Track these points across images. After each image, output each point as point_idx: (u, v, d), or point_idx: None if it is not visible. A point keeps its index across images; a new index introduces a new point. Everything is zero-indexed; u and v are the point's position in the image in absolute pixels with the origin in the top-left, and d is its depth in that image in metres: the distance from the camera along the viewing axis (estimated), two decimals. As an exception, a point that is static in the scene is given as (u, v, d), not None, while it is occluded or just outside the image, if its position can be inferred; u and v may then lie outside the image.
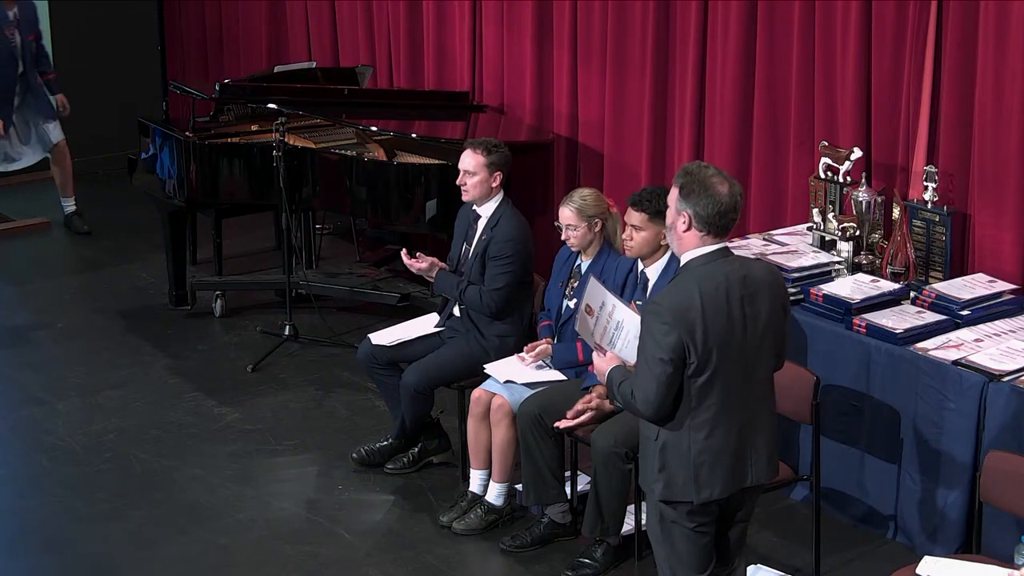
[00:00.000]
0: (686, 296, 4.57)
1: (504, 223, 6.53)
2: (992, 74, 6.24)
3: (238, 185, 8.20)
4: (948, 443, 5.81)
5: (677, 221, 4.66)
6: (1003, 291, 6.19)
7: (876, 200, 6.55)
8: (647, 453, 4.76)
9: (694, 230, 4.63)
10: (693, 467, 4.66)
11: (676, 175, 4.70)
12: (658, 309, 4.58)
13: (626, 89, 7.88)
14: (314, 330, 8.16)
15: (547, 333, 6.34)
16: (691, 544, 4.76)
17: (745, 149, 7.35)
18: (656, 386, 4.57)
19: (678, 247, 4.70)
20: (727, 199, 4.60)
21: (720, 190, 4.60)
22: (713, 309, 4.57)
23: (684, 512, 4.72)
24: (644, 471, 4.81)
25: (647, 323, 4.60)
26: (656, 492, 4.72)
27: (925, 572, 4.86)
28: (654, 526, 4.84)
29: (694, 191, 4.61)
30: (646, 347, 4.59)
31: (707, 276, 4.61)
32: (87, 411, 7.41)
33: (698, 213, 4.60)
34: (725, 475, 4.70)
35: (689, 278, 4.62)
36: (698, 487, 4.68)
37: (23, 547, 6.27)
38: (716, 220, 4.60)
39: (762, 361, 4.74)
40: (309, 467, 6.84)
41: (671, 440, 4.67)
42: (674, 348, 4.54)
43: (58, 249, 9.97)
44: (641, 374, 4.62)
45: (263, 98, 8.41)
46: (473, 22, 8.75)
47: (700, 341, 4.55)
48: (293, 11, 10.27)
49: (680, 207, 4.64)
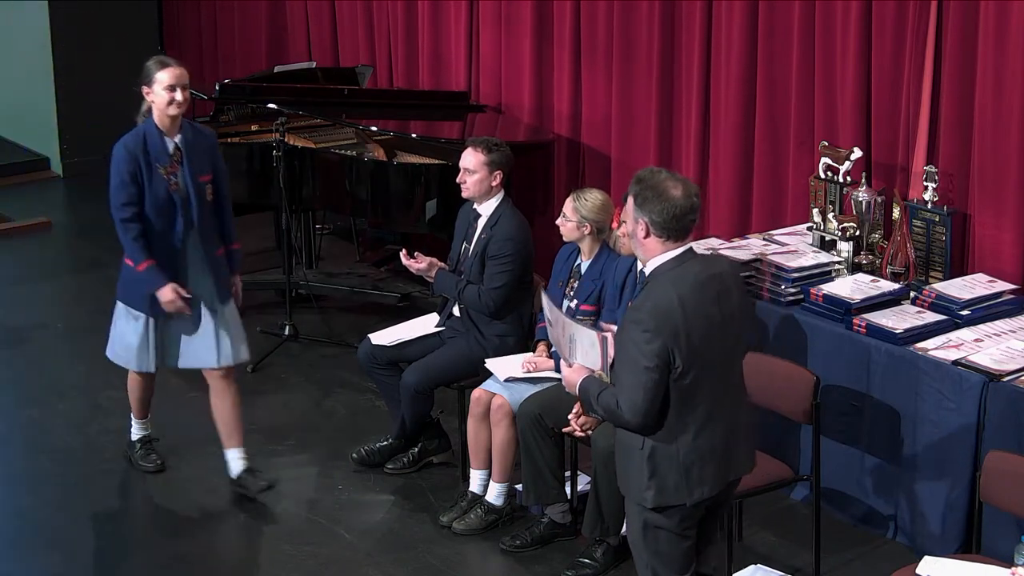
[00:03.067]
0: (665, 301, 4.58)
1: (504, 222, 6.53)
2: (992, 74, 6.24)
3: (238, 185, 8.18)
4: (948, 443, 5.81)
5: (637, 229, 4.68)
6: (1003, 291, 6.19)
7: (876, 200, 6.55)
8: (632, 463, 4.72)
9: (653, 236, 4.64)
10: (684, 469, 4.65)
11: (631, 184, 4.74)
12: (638, 316, 4.58)
13: (633, 89, 7.86)
14: (314, 330, 8.16)
15: (544, 334, 6.34)
16: (676, 547, 4.76)
17: (747, 149, 7.35)
18: (643, 393, 4.55)
19: (643, 254, 4.72)
20: (682, 202, 4.61)
21: (674, 194, 4.62)
22: (693, 311, 4.58)
23: (675, 516, 4.71)
24: (630, 481, 4.76)
25: (628, 333, 4.60)
26: (648, 500, 4.70)
27: (925, 572, 4.87)
28: (636, 533, 4.82)
29: (648, 198, 4.63)
30: (629, 356, 4.57)
31: (680, 279, 4.62)
32: (87, 411, 7.41)
33: (654, 220, 4.62)
34: (714, 473, 4.71)
35: (664, 283, 4.63)
36: (690, 488, 4.67)
37: (23, 547, 6.27)
38: (673, 224, 4.62)
39: (737, 354, 4.80)
40: (309, 467, 6.84)
41: (659, 445, 4.65)
42: (658, 354, 4.53)
43: (58, 249, 9.96)
44: (626, 384, 4.59)
45: (263, 98, 8.42)
46: (469, 22, 8.75)
47: (684, 344, 4.55)
48: (293, 11, 10.27)
49: (637, 215, 4.66)
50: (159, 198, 6.25)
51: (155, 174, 6.24)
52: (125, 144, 6.26)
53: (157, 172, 6.24)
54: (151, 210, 6.25)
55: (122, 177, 6.21)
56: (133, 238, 6.24)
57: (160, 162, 6.25)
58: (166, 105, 6.22)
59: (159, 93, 6.22)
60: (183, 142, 6.31)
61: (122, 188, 6.22)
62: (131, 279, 6.36)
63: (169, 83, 6.20)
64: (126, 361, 6.52)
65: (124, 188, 6.21)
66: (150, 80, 6.25)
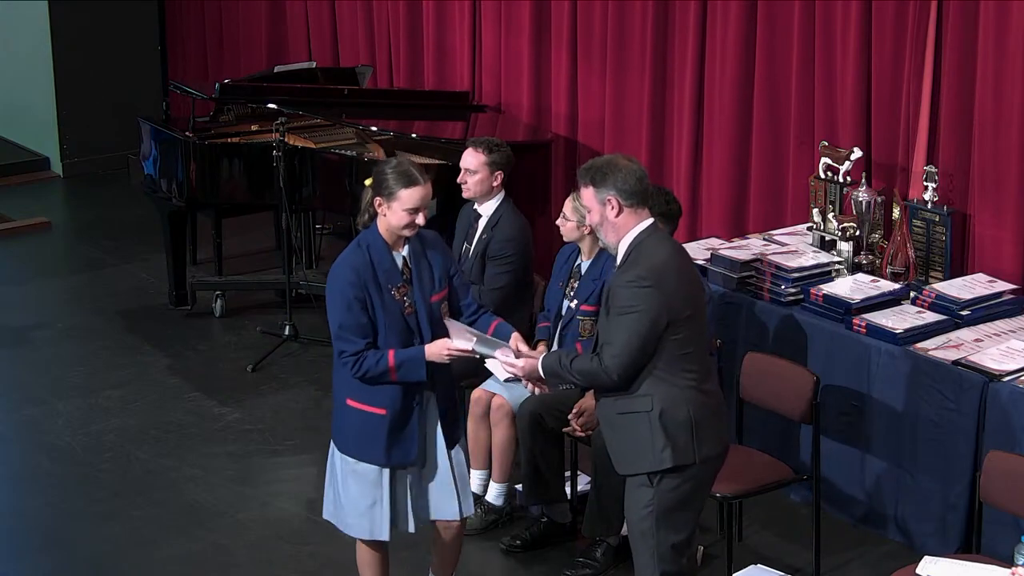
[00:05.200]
0: (659, 259, 4.72)
1: (504, 223, 6.53)
2: (992, 74, 6.24)
3: (238, 185, 8.20)
4: (948, 443, 5.81)
5: (606, 211, 4.77)
6: (1003, 291, 6.19)
7: (876, 200, 6.55)
8: (641, 432, 4.79)
9: (626, 209, 4.75)
10: (692, 425, 4.77)
11: (579, 177, 4.83)
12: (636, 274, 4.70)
13: (626, 89, 7.88)
14: (314, 330, 8.15)
15: (544, 334, 6.33)
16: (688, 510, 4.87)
17: (745, 149, 7.35)
18: (638, 340, 4.67)
19: (616, 235, 4.80)
20: (635, 167, 4.78)
21: (625, 163, 4.78)
22: (679, 269, 4.76)
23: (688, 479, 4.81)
24: (640, 452, 4.83)
25: (624, 296, 4.69)
26: (667, 460, 4.77)
27: (925, 572, 4.87)
28: (644, 520, 4.87)
29: (606, 174, 4.75)
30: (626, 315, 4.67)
31: (661, 241, 4.81)
32: (87, 411, 7.41)
33: (622, 188, 4.73)
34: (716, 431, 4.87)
35: (650, 245, 4.76)
36: (698, 445, 4.79)
37: (23, 547, 6.27)
38: (638, 187, 4.75)
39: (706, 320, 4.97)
40: (309, 467, 6.84)
41: (667, 406, 4.75)
42: (656, 308, 4.65)
43: (58, 249, 9.97)
44: (617, 340, 4.70)
45: (263, 98, 8.41)
46: (473, 22, 8.75)
47: (679, 300, 4.70)
48: (293, 11, 10.27)
49: (602, 196, 4.76)
50: (393, 324, 5.11)
51: (387, 297, 5.11)
52: (351, 264, 5.10)
53: (389, 295, 5.11)
54: (385, 341, 5.11)
55: (349, 304, 5.05)
56: (361, 376, 5.09)
57: (392, 282, 5.13)
58: (402, 227, 5.11)
59: (397, 213, 5.08)
60: (411, 255, 5.20)
61: (350, 319, 5.06)
62: (355, 424, 5.20)
63: (413, 206, 5.07)
64: (360, 531, 5.32)
65: (353, 319, 5.06)
66: (389, 194, 5.09)
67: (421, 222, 5.11)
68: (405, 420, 5.16)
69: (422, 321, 5.13)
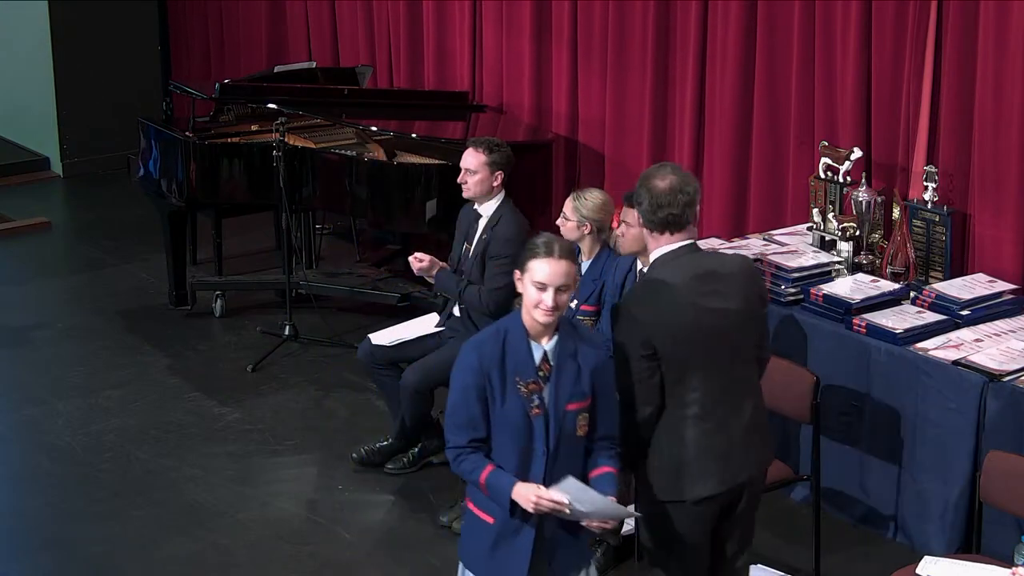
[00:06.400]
0: (649, 292, 4.65)
1: (504, 223, 6.53)
2: (992, 74, 6.24)
3: (238, 185, 8.20)
4: (948, 443, 5.81)
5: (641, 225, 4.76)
6: (1003, 291, 6.19)
7: (876, 200, 6.55)
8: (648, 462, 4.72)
9: (645, 230, 4.71)
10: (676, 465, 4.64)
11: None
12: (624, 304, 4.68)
13: (627, 89, 7.88)
14: (314, 330, 8.16)
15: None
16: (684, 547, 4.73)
17: (745, 149, 7.36)
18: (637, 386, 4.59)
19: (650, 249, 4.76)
20: (662, 195, 4.61)
21: (657, 184, 4.63)
22: (677, 302, 4.58)
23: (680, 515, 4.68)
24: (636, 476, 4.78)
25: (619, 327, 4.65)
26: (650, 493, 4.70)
27: (925, 572, 4.87)
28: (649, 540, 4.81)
29: (640, 193, 4.69)
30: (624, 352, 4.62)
31: (670, 272, 4.64)
32: (87, 411, 7.41)
33: (642, 212, 4.69)
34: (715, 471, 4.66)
35: (653, 275, 4.70)
36: (681, 486, 4.64)
37: (23, 547, 6.27)
38: (654, 215, 4.63)
39: (741, 354, 4.72)
40: (309, 467, 6.84)
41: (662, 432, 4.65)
42: (644, 344, 4.57)
43: (58, 249, 9.97)
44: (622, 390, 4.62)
45: (263, 98, 8.42)
46: (473, 22, 8.76)
47: (666, 334, 4.56)
48: (293, 11, 10.27)
49: (637, 212, 4.75)
50: (511, 424, 4.42)
51: (510, 390, 4.42)
52: (479, 348, 4.45)
53: (514, 388, 4.42)
54: (498, 440, 4.45)
55: (465, 388, 4.42)
56: (469, 471, 4.47)
57: (522, 375, 4.43)
58: (532, 306, 4.44)
59: (528, 286, 4.47)
60: (556, 352, 4.47)
61: (463, 406, 4.43)
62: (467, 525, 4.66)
63: (541, 280, 4.42)
64: None
65: (465, 406, 4.43)
66: (523, 265, 4.51)
67: (550, 304, 4.38)
68: (514, 535, 4.49)
69: (551, 428, 4.40)
